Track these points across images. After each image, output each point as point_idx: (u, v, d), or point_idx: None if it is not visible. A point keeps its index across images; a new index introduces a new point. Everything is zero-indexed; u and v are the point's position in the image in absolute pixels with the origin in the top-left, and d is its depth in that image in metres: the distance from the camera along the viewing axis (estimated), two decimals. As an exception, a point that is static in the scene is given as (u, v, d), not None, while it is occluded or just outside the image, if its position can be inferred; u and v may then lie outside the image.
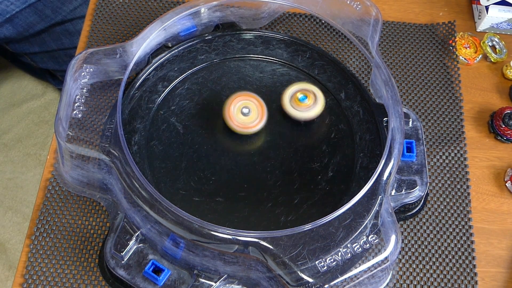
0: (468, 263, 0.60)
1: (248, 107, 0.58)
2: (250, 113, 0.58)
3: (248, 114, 0.58)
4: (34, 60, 1.13)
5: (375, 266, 0.51)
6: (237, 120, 0.58)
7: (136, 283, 0.52)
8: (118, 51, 0.59)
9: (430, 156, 0.66)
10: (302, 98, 0.59)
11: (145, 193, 0.51)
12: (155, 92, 0.62)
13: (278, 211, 0.56)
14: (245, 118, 0.58)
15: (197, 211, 0.54)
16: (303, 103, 0.59)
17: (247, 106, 0.58)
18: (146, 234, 0.53)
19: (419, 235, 0.61)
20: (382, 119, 0.60)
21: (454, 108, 0.69)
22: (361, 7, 0.63)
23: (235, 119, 0.58)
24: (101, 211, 0.60)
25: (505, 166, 0.67)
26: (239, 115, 0.58)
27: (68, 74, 0.56)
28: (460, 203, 0.63)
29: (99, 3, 0.74)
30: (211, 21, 0.66)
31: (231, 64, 0.65)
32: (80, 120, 0.60)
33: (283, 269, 0.49)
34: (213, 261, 0.51)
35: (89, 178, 0.57)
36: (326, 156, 0.59)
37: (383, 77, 0.59)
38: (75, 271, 0.57)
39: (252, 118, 0.58)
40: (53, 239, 0.58)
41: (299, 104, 0.59)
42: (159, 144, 0.59)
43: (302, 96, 0.59)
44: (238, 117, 0.58)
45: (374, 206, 0.53)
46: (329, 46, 0.73)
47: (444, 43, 0.74)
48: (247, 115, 0.58)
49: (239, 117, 0.58)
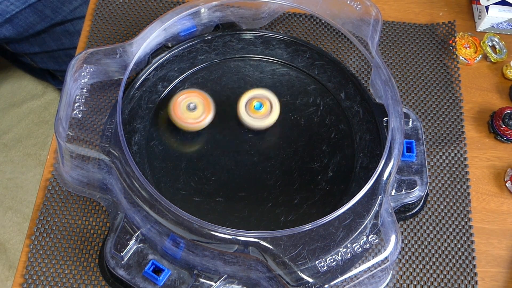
0: (468, 263, 0.60)
1: (193, 102, 0.57)
2: (196, 108, 0.57)
3: (194, 109, 0.57)
4: (34, 60, 1.13)
5: (375, 266, 0.51)
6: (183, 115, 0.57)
7: (136, 283, 0.52)
8: (118, 51, 0.59)
9: (430, 156, 0.66)
10: (258, 106, 0.57)
11: (145, 193, 0.51)
12: (155, 92, 0.62)
13: (278, 211, 0.56)
14: (192, 113, 0.57)
15: (197, 211, 0.54)
16: (259, 111, 0.57)
17: (193, 101, 0.57)
18: (146, 234, 0.53)
19: (419, 235, 0.61)
20: (382, 119, 0.60)
21: (454, 108, 0.69)
22: (361, 7, 0.63)
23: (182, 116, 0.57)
24: (101, 211, 0.60)
25: (505, 166, 0.67)
26: (186, 111, 0.57)
27: (68, 74, 0.56)
28: (460, 203, 0.63)
29: (99, 3, 0.74)
30: (211, 21, 0.66)
31: (231, 64, 0.65)
32: (80, 120, 0.60)
33: (283, 269, 0.49)
34: (213, 261, 0.51)
35: (89, 178, 0.57)
36: (326, 156, 0.59)
37: (383, 77, 0.59)
38: (75, 271, 0.57)
39: (199, 113, 0.57)
40: (53, 239, 0.58)
41: (255, 112, 0.57)
42: (159, 144, 0.59)
43: (257, 103, 0.58)
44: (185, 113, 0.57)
45: (374, 206, 0.53)
46: (329, 46, 0.73)
47: (444, 43, 0.74)
48: (194, 110, 0.57)
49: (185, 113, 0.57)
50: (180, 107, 0.57)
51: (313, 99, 0.63)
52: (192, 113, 0.57)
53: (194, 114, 0.57)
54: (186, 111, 0.57)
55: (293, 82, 0.64)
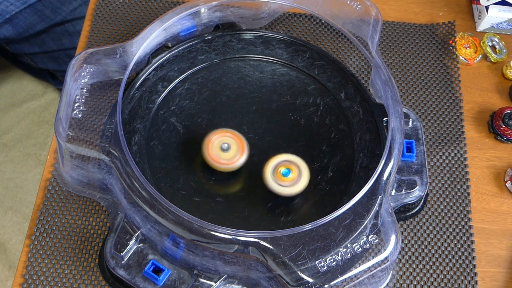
0: (468, 263, 0.60)
1: (227, 143, 0.56)
2: (229, 149, 0.56)
3: (228, 150, 0.56)
4: (34, 61, 1.13)
5: (375, 266, 0.51)
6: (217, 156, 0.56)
7: (136, 283, 0.52)
8: (118, 51, 0.59)
9: (430, 156, 0.66)
10: (285, 172, 0.55)
11: (145, 193, 0.51)
12: (155, 92, 0.62)
13: (278, 211, 0.56)
14: (225, 154, 0.56)
15: (197, 211, 0.54)
16: (287, 177, 0.55)
17: (226, 142, 0.56)
18: (146, 234, 0.53)
19: (419, 235, 0.61)
20: (382, 119, 0.60)
21: (454, 108, 0.69)
22: (361, 7, 0.63)
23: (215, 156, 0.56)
24: (101, 211, 0.60)
25: (505, 166, 0.67)
26: (219, 151, 0.56)
27: (68, 74, 0.56)
28: (460, 203, 0.63)
29: (99, 3, 0.74)
30: (211, 21, 0.66)
31: (231, 64, 0.65)
32: (80, 120, 0.60)
33: (283, 269, 0.49)
34: (213, 261, 0.51)
35: (89, 178, 0.57)
36: (326, 156, 0.59)
37: (383, 77, 0.59)
38: (75, 271, 0.57)
39: (232, 153, 0.56)
40: (53, 239, 0.58)
41: (282, 179, 0.54)
42: (159, 144, 0.59)
43: (285, 170, 0.55)
44: (218, 153, 0.56)
45: (374, 206, 0.53)
46: (329, 46, 0.73)
47: (444, 43, 0.74)
48: (227, 151, 0.56)
49: (219, 154, 0.56)
50: (214, 147, 0.56)
51: (313, 99, 0.63)
52: (225, 154, 0.56)
53: (228, 155, 0.56)
54: (219, 151, 0.56)
55: (293, 82, 0.64)
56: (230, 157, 0.56)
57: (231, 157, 0.56)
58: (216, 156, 0.55)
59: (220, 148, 0.56)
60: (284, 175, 0.54)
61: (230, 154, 0.56)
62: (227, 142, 0.56)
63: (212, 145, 0.56)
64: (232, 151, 0.56)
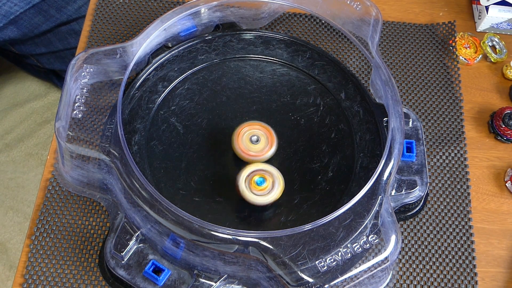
0: (468, 263, 0.60)
1: (256, 135, 0.57)
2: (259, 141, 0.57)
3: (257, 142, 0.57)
4: (41, 62, 1.12)
5: (375, 266, 0.51)
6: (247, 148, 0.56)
7: (136, 283, 0.52)
8: (118, 51, 0.59)
9: (430, 156, 0.66)
10: (260, 181, 0.54)
11: (145, 193, 0.52)
12: (155, 92, 0.62)
13: (278, 211, 0.56)
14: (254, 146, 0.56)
15: (197, 211, 0.54)
16: (261, 186, 0.54)
17: (256, 134, 0.57)
18: (146, 234, 0.53)
19: (419, 235, 0.61)
20: (382, 119, 0.60)
21: (454, 108, 0.69)
22: (361, 7, 0.63)
23: (245, 148, 0.56)
24: (101, 211, 0.60)
25: (505, 166, 0.67)
26: (249, 143, 0.56)
27: (68, 74, 0.56)
28: (460, 203, 0.63)
29: (99, 3, 0.74)
30: (211, 21, 0.66)
31: (231, 64, 0.65)
32: (80, 120, 0.60)
33: (283, 269, 0.49)
34: (213, 261, 0.51)
35: (89, 178, 0.57)
36: (326, 156, 0.59)
37: (383, 77, 0.59)
38: (75, 271, 0.57)
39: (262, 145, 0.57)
40: (53, 239, 0.59)
41: (257, 187, 0.54)
42: (159, 144, 0.59)
43: (259, 178, 0.54)
44: (248, 145, 0.56)
45: (374, 206, 0.53)
46: (329, 46, 0.73)
47: (444, 43, 0.74)
48: (257, 143, 0.57)
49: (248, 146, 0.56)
50: (243, 140, 0.57)
51: (313, 99, 0.63)
52: (255, 146, 0.56)
53: (257, 147, 0.57)
54: (249, 144, 0.56)
55: (293, 82, 0.64)
56: (260, 149, 0.57)
57: (261, 149, 0.57)
58: (246, 148, 0.56)
59: (250, 140, 0.57)
60: (259, 184, 0.54)
61: (260, 146, 0.57)
62: (257, 134, 0.57)
63: (241, 137, 0.57)
64: (261, 143, 0.57)
